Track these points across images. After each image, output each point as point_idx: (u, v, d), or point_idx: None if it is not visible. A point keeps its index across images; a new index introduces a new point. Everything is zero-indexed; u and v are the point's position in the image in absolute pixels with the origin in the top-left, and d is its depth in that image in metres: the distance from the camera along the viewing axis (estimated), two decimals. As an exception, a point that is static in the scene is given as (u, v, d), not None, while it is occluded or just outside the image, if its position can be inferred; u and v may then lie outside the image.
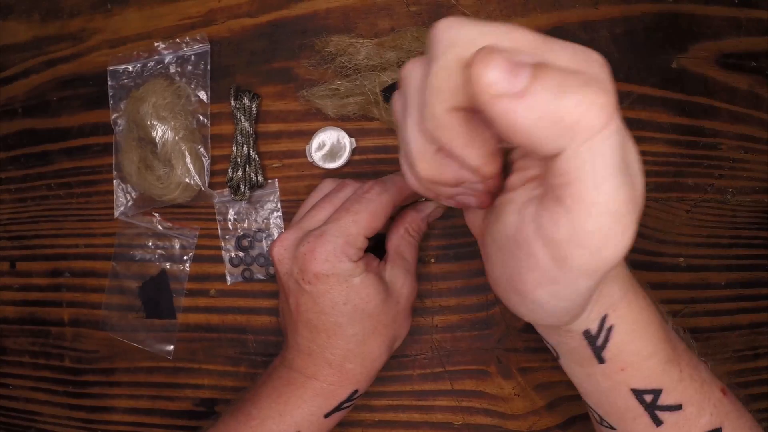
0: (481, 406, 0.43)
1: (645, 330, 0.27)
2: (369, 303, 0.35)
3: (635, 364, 0.27)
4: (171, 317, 0.46)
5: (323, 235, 0.34)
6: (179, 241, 0.47)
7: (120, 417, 0.48)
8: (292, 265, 0.35)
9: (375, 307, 0.35)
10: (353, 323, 0.35)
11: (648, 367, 0.27)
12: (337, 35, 0.44)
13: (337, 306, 0.34)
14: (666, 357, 0.27)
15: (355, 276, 0.34)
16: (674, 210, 0.43)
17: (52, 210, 0.50)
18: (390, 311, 0.36)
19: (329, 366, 0.35)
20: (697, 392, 0.28)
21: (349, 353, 0.35)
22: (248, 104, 0.44)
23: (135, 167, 0.45)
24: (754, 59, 0.44)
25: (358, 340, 0.35)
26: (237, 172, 0.44)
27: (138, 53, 0.47)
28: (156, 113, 0.44)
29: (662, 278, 0.43)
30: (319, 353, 0.35)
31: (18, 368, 0.51)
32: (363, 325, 0.35)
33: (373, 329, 0.35)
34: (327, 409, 0.36)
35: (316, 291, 0.34)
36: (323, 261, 0.33)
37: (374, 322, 0.35)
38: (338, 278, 0.34)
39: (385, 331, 0.36)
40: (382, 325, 0.36)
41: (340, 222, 0.34)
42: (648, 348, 0.27)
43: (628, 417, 0.29)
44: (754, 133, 0.44)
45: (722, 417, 0.29)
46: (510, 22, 0.44)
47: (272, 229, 0.45)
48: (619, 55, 0.44)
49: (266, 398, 0.36)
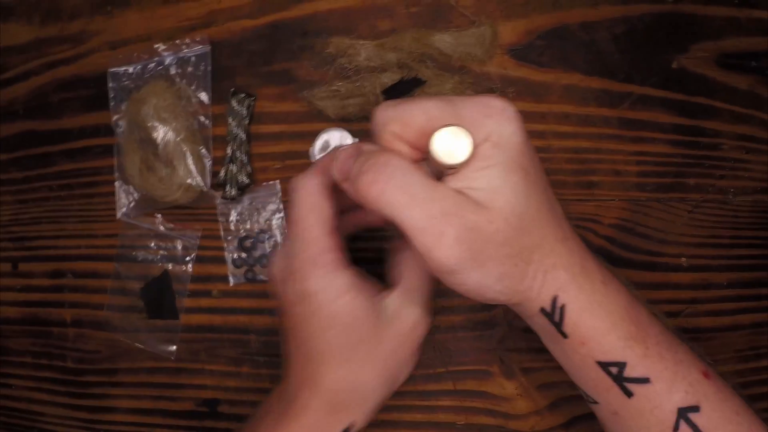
0: (484, 407, 0.44)
1: (599, 308, 0.30)
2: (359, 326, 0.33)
3: (595, 338, 0.30)
4: (173, 318, 0.47)
5: (290, 255, 0.33)
6: (182, 242, 0.47)
7: (122, 417, 0.48)
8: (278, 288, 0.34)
9: (367, 331, 0.33)
10: (342, 349, 0.33)
11: (608, 342, 0.30)
12: (337, 36, 0.44)
13: (324, 329, 0.33)
14: (627, 334, 0.30)
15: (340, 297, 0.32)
16: (676, 210, 0.44)
17: (54, 211, 0.50)
18: (388, 342, 0.34)
19: (319, 396, 0.34)
20: (667, 369, 0.30)
21: (341, 381, 0.33)
22: (237, 106, 0.44)
23: (137, 169, 0.45)
24: (755, 59, 0.44)
25: (350, 368, 0.33)
26: (220, 172, 0.45)
27: (138, 55, 0.47)
28: (157, 115, 0.44)
29: (664, 278, 0.44)
30: (310, 382, 0.34)
31: (20, 369, 0.51)
32: (355, 351, 0.33)
33: (366, 356, 0.34)
34: None
35: (302, 313, 0.33)
36: (301, 280, 0.32)
37: (368, 348, 0.33)
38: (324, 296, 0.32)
39: (382, 363, 0.34)
40: (377, 355, 0.34)
41: (294, 234, 0.33)
42: (605, 324, 0.30)
43: (602, 388, 0.31)
44: (755, 133, 0.44)
45: (699, 396, 0.30)
46: (510, 22, 0.44)
47: (274, 230, 0.46)
48: (619, 55, 0.44)
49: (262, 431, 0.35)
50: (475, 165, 0.27)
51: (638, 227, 0.44)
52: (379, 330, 0.34)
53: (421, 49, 0.43)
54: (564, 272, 0.29)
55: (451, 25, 0.44)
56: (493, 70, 0.44)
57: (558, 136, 0.44)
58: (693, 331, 0.44)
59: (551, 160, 0.44)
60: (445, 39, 0.43)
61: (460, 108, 0.27)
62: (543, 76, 0.44)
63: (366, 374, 0.34)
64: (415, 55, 0.43)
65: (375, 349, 0.34)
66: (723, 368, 0.44)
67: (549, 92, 0.44)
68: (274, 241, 0.45)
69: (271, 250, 0.45)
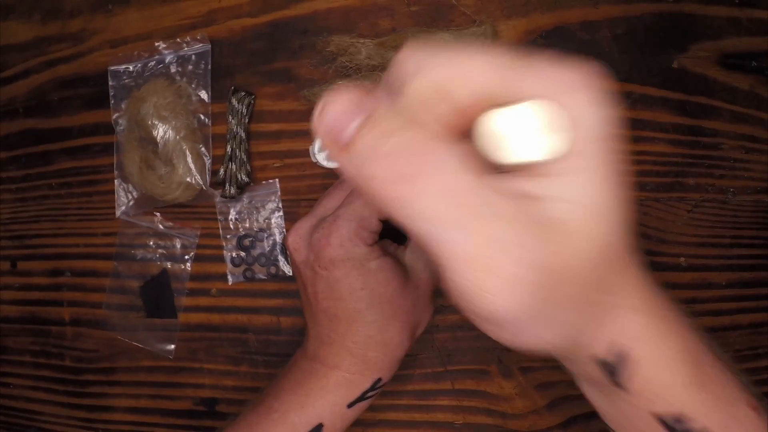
0: (482, 406, 0.43)
1: (668, 358, 0.24)
2: (387, 287, 0.34)
3: (656, 390, 0.25)
4: (172, 317, 0.46)
5: (336, 220, 0.34)
6: (180, 240, 0.47)
7: (120, 416, 0.48)
8: (307, 253, 0.35)
9: (393, 291, 0.34)
10: (372, 309, 0.34)
11: (671, 393, 0.25)
12: (337, 35, 0.44)
13: (355, 291, 0.34)
14: (689, 379, 0.25)
15: (371, 260, 0.34)
16: (675, 210, 0.43)
17: (53, 209, 0.50)
18: (410, 296, 0.35)
19: (351, 355, 0.35)
20: (722, 412, 0.26)
21: (370, 340, 0.35)
22: (236, 105, 0.44)
23: (136, 167, 0.45)
24: (755, 59, 0.44)
25: (379, 327, 0.35)
26: (219, 171, 0.45)
27: (139, 53, 0.47)
28: (157, 113, 0.44)
29: (663, 278, 0.43)
30: (340, 342, 0.35)
31: (19, 367, 0.51)
32: (382, 311, 0.34)
33: (392, 315, 0.35)
34: (350, 399, 0.35)
35: (333, 277, 0.34)
36: (338, 246, 0.33)
37: (394, 307, 0.35)
38: (354, 263, 0.33)
39: (406, 317, 0.36)
40: (402, 310, 0.35)
41: (351, 206, 0.34)
42: (669, 372, 0.24)
43: None
44: (755, 133, 0.44)
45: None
46: (511, 21, 0.44)
47: (273, 229, 0.46)
48: (619, 55, 0.44)
49: (288, 390, 0.36)
50: (560, 165, 0.18)
51: (638, 227, 0.43)
52: (403, 288, 0.35)
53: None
54: (642, 317, 0.23)
55: (451, 24, 0.44)
56: (493, 70, 0.44)
57: (558, 136, 0.44)
58: (692, 331, 0.44)
59: (551, 159, 0.44)
60: (446, 38, 0.43)
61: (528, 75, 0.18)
62: (543, 76, 0.44)
63: (393, 331, 0.35)
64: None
65: (400, 307, 0.35)
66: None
67: (549, 92, 0.44)
68: (273, 240, 0.45)
69: (270, 248, 0.45)
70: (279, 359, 0.46)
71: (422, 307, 0.37)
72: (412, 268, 0.36)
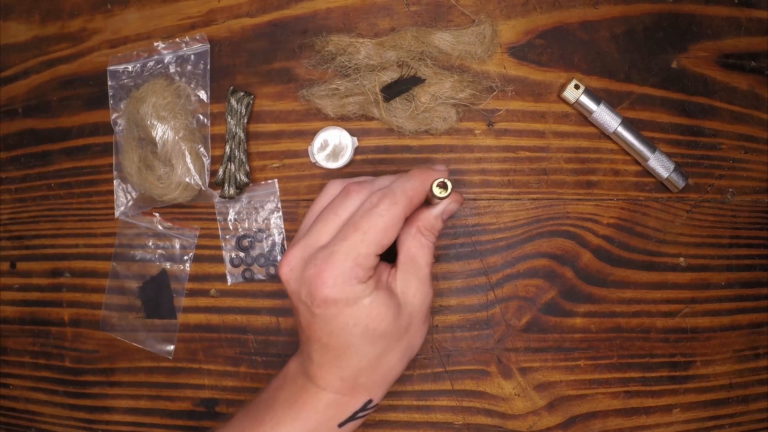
0: (482, 406, 0.43)
1: None
2: (380, 324, 0.33)
3: None
4: (171, 317, 0.46)
5: (331, 257, 0.32)
6: (179, 241, 0.47)
7: (120, 417, 0.48)
8: (299, 287, 0.34)
9: (387, 325, 0.34)
10: (365, 344, 0.34)
11: None
12: (337, 35, 0.44)
13: (347, 328, 0.33)
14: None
15: (364, 297, 0.33)
16: (674, 210, 0.43)
17: (53, 210, 0.50)
18: (403, 324, 0.35)
19: (341, 379, 0.35)
20: None
21: (361, 370, 0.34)
22: (235, 105, 0.44)
23: (135, 167, 0.45)
24: (754, 59, 0.44)
25: (370, 359, 0.34)
26: (218, 171, 0.45)
27: (138, 53, 0.47)
28: (156, 113, 0.44)
29: (662, 278, 0.43)
30: (331, 368, 0.34)
31: (18, 368, 0.51)
32: (374, 345, 0.34)
33: (385, 347, 0.34)
34: (340, 419, 0.35)
35: (326, 315, 0.33)
36: (331, 286, 0.32)
37: (387, 340, 0.34)
38: (347, 302, 0.32)
39: (399, 345, 0.35)
40: (395, 340, 0.35)
41: (347, 241, 0.33)
42: None
43: None
44: (754, 133, 0.44)
45: None
46: (510, 21, 0.44)
47: (272, 230, 0.45)
48: (619, 55, 0.44)
49: (282, 403, 0.35)
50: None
51: (637, 227, 0.43)
52: (397, 319, 0.34)
53: (420, 48, 0.43)
54: None
55: (451, 23, 0.44)
56: (492, 69, 0.44)
57: (557, 136, 0.44)
58: (691, 330, 0.44)
59: (550, 159, 0.44)
60: (445, 37, 0.43)
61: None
62: (542, 75, 0.44)
63: (385, 359, 0.35)
64: (415, 53, 0.43)
65: (392, 338, 0.34)
66: (721, 368, 0.44)
67: (548, 91, 0.44)
68: (272, 241, 0.45)
69: (269, 249, 0.45)
70: (278, 359, 0.46)
71: (415, 330, 0.36)
72: (404, 293, 0.35)
